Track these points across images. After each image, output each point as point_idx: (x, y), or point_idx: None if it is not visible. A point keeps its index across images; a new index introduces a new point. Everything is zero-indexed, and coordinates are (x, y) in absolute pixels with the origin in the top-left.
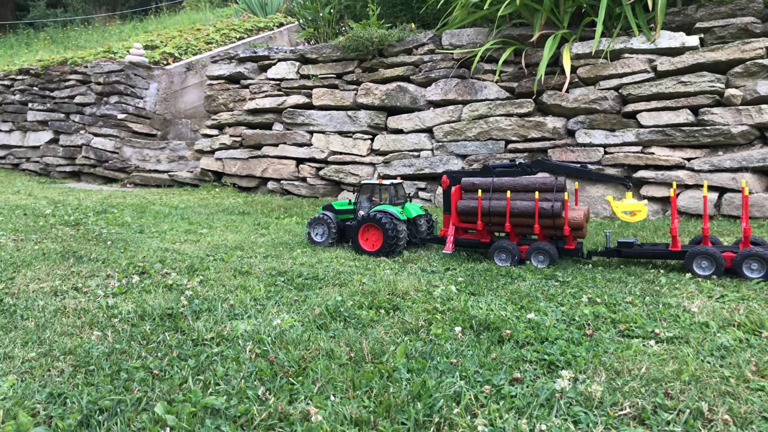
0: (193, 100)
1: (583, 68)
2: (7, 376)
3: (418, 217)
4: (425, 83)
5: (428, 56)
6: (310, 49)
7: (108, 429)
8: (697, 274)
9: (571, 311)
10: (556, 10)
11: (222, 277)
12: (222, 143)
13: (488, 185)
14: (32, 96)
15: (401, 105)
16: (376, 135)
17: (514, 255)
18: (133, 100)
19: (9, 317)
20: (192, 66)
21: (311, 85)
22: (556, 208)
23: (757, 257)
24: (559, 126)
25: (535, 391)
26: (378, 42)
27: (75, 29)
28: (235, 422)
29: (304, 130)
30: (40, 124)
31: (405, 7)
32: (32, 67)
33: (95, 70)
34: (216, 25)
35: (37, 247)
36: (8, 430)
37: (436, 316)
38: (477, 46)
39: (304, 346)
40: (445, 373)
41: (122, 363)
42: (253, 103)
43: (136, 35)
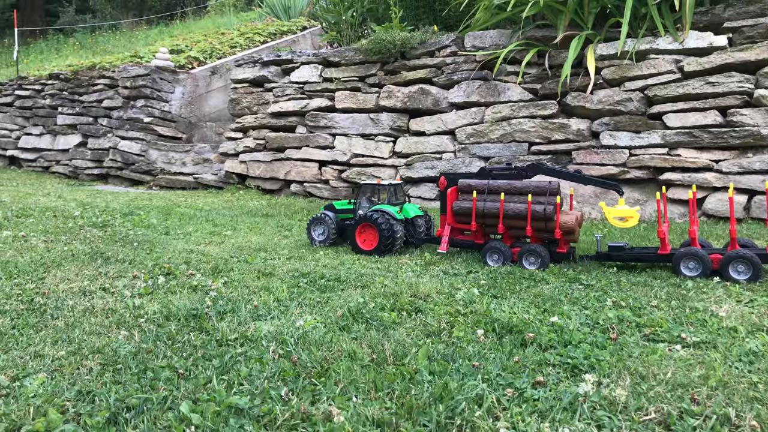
0: (218, 103)
1: (608, 69)
2: (38, 374)
3: (417, 217)
4: (448, 85)
5: (450, 58)
6: (333, 53)
7: (135, 427)
8: (684, 275)
9: (595, 315)
10: (580, 11)
11: (246, 278)
12: (246, 146)
13: (484, 187)
14: (62, 100)
15: (423, 107)
16: (398, 137)
17: (506, 256)
18: (159, 104)
19: (39, 316)
20: (216, 70)
21: (334, 88)
22: (548, 211)
23: (744, 259)
24: (584, 128)
25: (558, 394)
26: (400, 44)
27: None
28: (258, 422)
29: (326, 133)
30: (70, 128)
31: (427, 10)
32: (62, 72)
33: (122, 74)
34: (240, 29)
35: (66, 248)
36: (38, 427)
37: (458, 319)
38: (500, 48)
39: (326, 347)
40: (467, 376)
41: (148, 362)
42: (277, 107)
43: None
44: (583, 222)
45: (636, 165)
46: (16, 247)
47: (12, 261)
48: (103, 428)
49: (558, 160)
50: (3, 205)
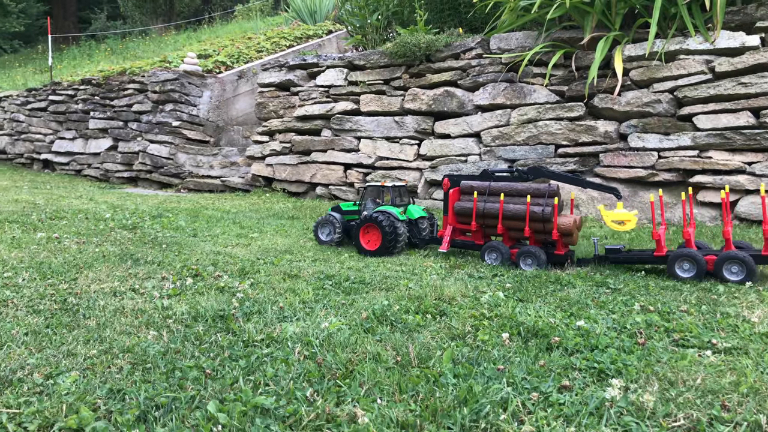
0: (245, 107)
1: (636, 71)
2: (71, 372)
3: (420, 218)
4: (473, 88)
5: (476, 61)
6: (358, 56)
7: (164, 425)
8: (679, 276)
9: (622, 319)
10: (607, 12)
11: (272, 280)
12: (272, 149)
13: (485, 188)
14: (94, 105)
15: (448, 110)
16: (423, 140)
17: (505, 256)
18: (187, 108)
19: (72, 316)
20: (243, 74)
21: (359, 91)
22: (546, 213)
23: (737, 260)
24: (611, 130)
25: (584, 399)
26: (425, 47)
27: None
28: (284, 422)
29: (351, 136)
30: (101, 132)
31: (453, 13)
32: (94, 78)
33: (151, 79)
34: (266, 33)
35: (97, 250)
36: (71, 424)
37: (483, 322)
38: (526, 50)
39: (351, 349)
40: (492, 379)
41: (177, 362)
42: (303, 110)
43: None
44: (582, 225)
45: (665, 167)
46: (50, 248)
47: (46, 262)
48: (133, 426)
49: (585, 162)
50: (38, 208)
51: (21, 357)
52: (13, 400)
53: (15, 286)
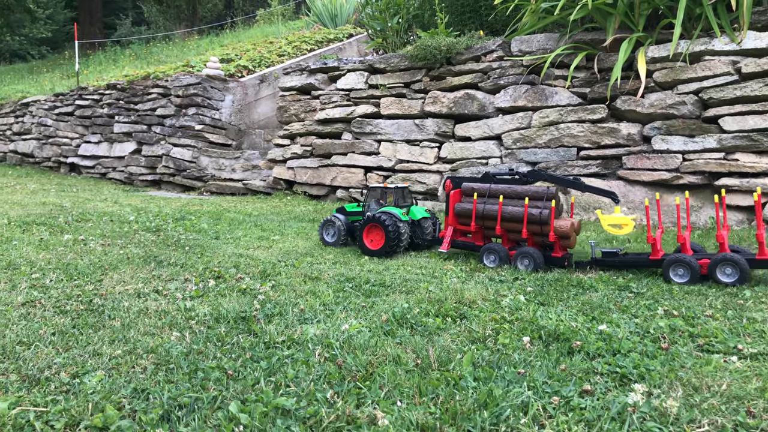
0: (266, 111)
1: (660, 72)
2: (96, 372)
3: (423, 219)
4: (494, 90)
5: (497, 63)
6: (379, 59)
7: (186, 424)
8: (673, 281)
9: (645, 323)
10: (630, 13)
11: (293, 282)
12: (293, 153)
13: (485, 190)
14: (118, 109)
15: (469, 112)
16: (444, 143)
17: (503, 257)
18: (209, 112)
19: (98, 317)
20: (265, 78)
21: (379, 94)
22: (543, 215)
23: (731, 262)
24: (634, 132)
25: (606, 404)
26: (446, 50)
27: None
28: (304, 423)
29: (372, 139)
30: (125, 136)
31: (473, 15)
32: (119, 82)
33: (175, 83)
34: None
35: (122, 252)
36: (96, 423)
37: (503, 326)
38: (547, 52)
39: (371, 351)
40: (512, 383)
41: (199, 363)
42: (323, 114)
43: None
44: (580, 229)
45: (690, 170)
46: (76, 250)
47: (72, 263)
48: (156, 425)
49: (607, 165)
50: (64, 211)
51: (48, 356)
52: (41, 398)
53: (43, 287)
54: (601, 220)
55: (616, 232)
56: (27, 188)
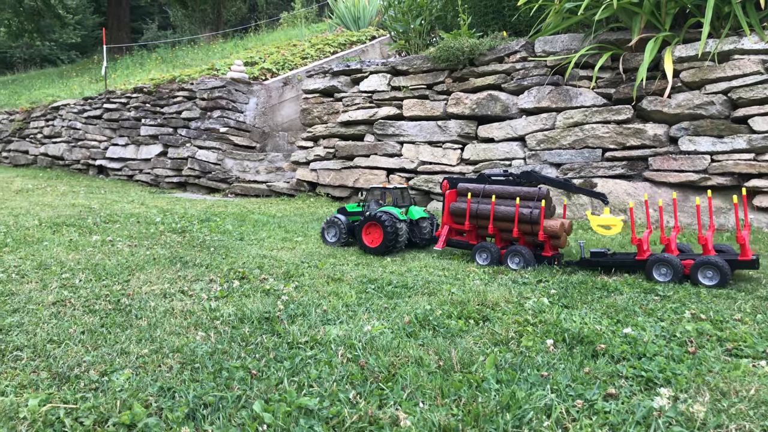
0: (290, 113)
1: (687, 72)
2: (124, 370)
3: (421, 219)
4: (517, 91)
5: (520, 64)
6: (401, 61)
7: (211, 423)
8: (656, 280)
9: (672, 327)
10: (656, 13)
11: (316, 283)
12: (316, 155)
13: (479, 191)
14: (145, 112)
15: (492, 114)
16: (466, 144)
17: (494, 256)
18: (234, 114)
19: (125, 316)
20: (288, 81)
21: (402, 96)
22: (533, 215)
23: (712, 265)
24: (661, 133)
25: (631, 408)
26: (469, 51)
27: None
28: (327, 423)
29: (394, 141)
30: (152, 138)
31: (497, 16)
32: (145, 86)
33: (200, 86)
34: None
35: (148, 253)
36: (124, 420)
37: (527, 328)
38: (571, 53)
39: (393, 352)
40: (535, 386)
41: (224, 362)
42: (346, 116)
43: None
44: (571, 230)
45: (718, 171)
46: (104, 251)
47: (101, 264)
48: (182, 423)
49: (633, 166)
50: (93, 212)
51: (78, 354)
52: (71, 395)
53: (72, 287)
54: (590, 220)
55: (605, 232)
56: (57, 190)
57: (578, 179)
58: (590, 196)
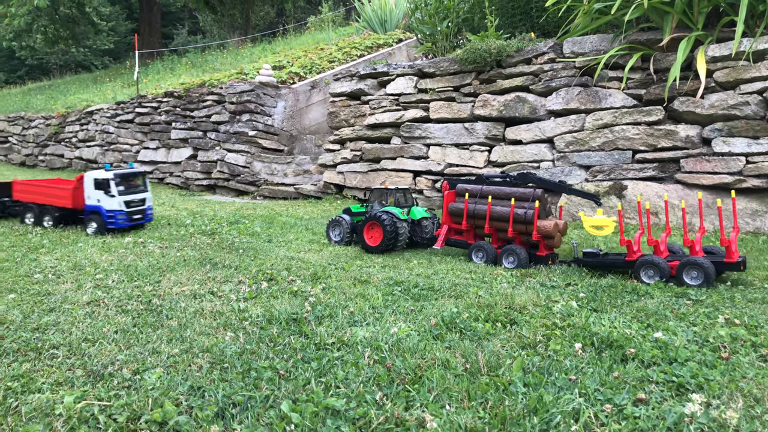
0: (317, 116)
1: (721, 72)
2: (155, 369)
3: (423, 218)
4: (545, 93)
5: (548, 65)
6: (428, 64)
7: (240, 422)
8: (643, 281)
9: (704, 332)
10: (689, 12)
11: (343, 285)
12: (343, 157)
13: (477, 191)
14: (175, 116)
15: (520, 115)
16: (494, 146)
17: (490, 255)
18: (262, 118)
19: (156, 316)
20: (316, 84)
21: (428, 98)
22: (528, 215)
23: (696, 266)
24: (693, 134)
25: (662, 413)
26: (496, 53)
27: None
28: (354, 424)
29: (421, 143)
30: (182, 142)
31: (524, 17)
32: (175, 90)
33: (229, 90)
34: (338, 43)
35: (179, 254)
36: (156, 417)
37: (555, 332)
38: (601, 53)
39: (420, 354)
40: (563, 389)
41: (252, 362)
42: (373, 118)
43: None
44: (566, 230)
45: (754, 173)
46: (136, 252)
47: (133, 265)
48: (212, 422)
49: (664, 168)
50: None
51: (111, 353)
52: (104, 393)
53: (106, 287)
54: (583, 221)
55: (598, 233)
56: None
57: (608, 181)
58: (584, 198)
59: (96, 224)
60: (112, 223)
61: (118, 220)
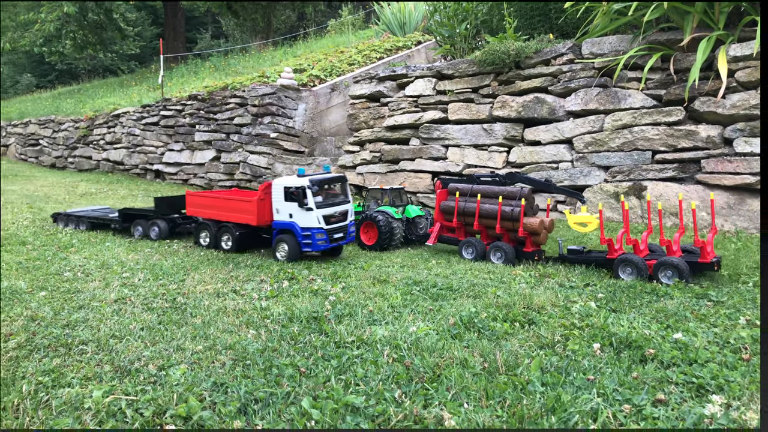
0: (337, 118)
1: (743, 71)
2: (180, 365)
3: (417, 217)
4: (564, 94)
5: (567, 66)
6: (447, 65)
7: (262, 417)
8: (621, 278)
9: (725, 333)
10: (709, 11)
11: (362, 284)
12: (363, 159)
13: (467, 190)
14: (199, 119)
15: (538, 116)
16: (512, 147)
17: (479, 250)
18: (283, 120)
19: (181, 314)
20: (336, 87)
21: (447, 100)
22: (515, 212)
23: (670, 265)
24: (714, 134)
25: (681, 414)
26: (515, 54)
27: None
28: (373, 421)
29: (439, 144)
30: (205, 144)
31: (542, 19)
32: (199, 93)
33: (251, 93)
34: (358, 46)
35: (202, 254)
36: (180, 412)
37: (573, 332)
38: (620, 54)
39: (438, 353)
40: (581, 389)
41: (274, 360)
42: (392, 120)
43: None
44: (552, 228)
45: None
46: (161, 251)
47: (158, 264)
48: (234, 417)
49: (685, 169)
50: None
51: (138, 349)
52: (131, 388)
53: (132, 286)
54: (568, 218)
55: (581, 229)
56: (117, 194)
57: (627, 182)
58: (570, 196)
59: (287, 246)
60: (308, 245)
61: (317, 240)
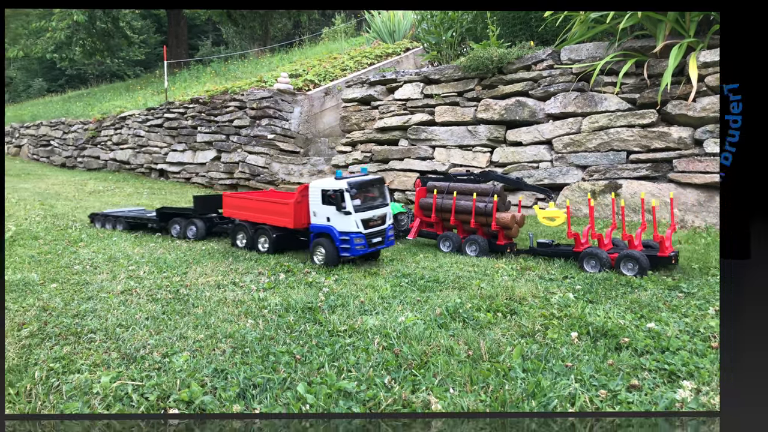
0: (330, 121)
1: (712, 76)
2: (183, 353)
3: (399, 214)
4: (544, 97)
5: (547, 71)
6: (434, 71)
7: (260, 402)
8: (586, 270)
9: (695, 323)
10: (681, 20)
11: (354, 277)
12: (354, 158)
13: (445, 187)
14: (201, 121)
15: (520, 119)
16: (495, 148)
17: (455, 243)
18: (280, 122)
19: (183, 305)
20: (329, 91)
21: (434, 103)
22: (488, 208)
23: (631, 258)
24: (685, 136)
25: (654, 399)
26: (498, 60)
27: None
28: (364, 405)
29: (426, 145)
30: (206, 144)
31: (524, 27)
32: (201, 97)
33: (249, 97)
34: (350, 53)
35: (204, 248)
36: (183, 397)
37: (552, 322)
38: (596, 60)
39: (425, 342)
40: (560, 375)
41: (271, 347)
42: (382, 122)
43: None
44: (523, 222)
45: None
46: (165, 246)
47: (162, 257)
48: (234, 401)
49: (658, 168)
50: None
51: (143, 338)
52: (137, 374)
53: (138, 278)
54: (537, 213)
55: (550, 224)
56: (124, 191)
57: (603, 180)
58: (538, 192)
59: (325, 250)
60: (346, 250)
61: (355, 245)
